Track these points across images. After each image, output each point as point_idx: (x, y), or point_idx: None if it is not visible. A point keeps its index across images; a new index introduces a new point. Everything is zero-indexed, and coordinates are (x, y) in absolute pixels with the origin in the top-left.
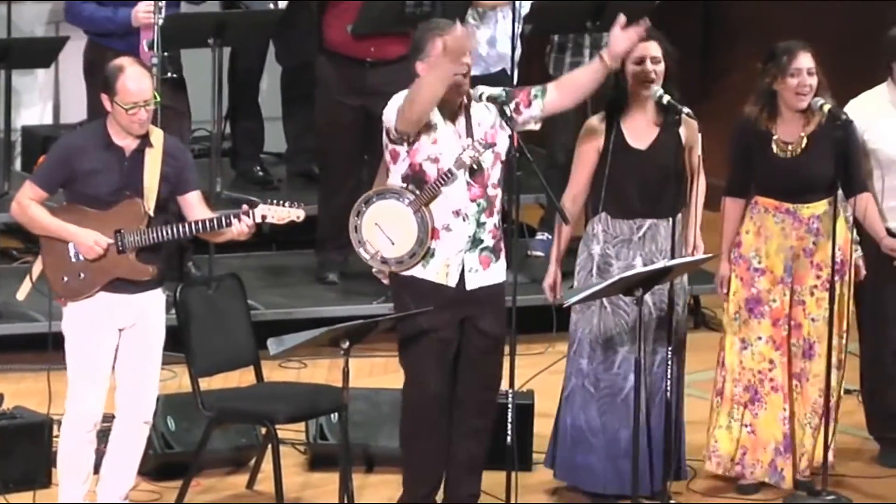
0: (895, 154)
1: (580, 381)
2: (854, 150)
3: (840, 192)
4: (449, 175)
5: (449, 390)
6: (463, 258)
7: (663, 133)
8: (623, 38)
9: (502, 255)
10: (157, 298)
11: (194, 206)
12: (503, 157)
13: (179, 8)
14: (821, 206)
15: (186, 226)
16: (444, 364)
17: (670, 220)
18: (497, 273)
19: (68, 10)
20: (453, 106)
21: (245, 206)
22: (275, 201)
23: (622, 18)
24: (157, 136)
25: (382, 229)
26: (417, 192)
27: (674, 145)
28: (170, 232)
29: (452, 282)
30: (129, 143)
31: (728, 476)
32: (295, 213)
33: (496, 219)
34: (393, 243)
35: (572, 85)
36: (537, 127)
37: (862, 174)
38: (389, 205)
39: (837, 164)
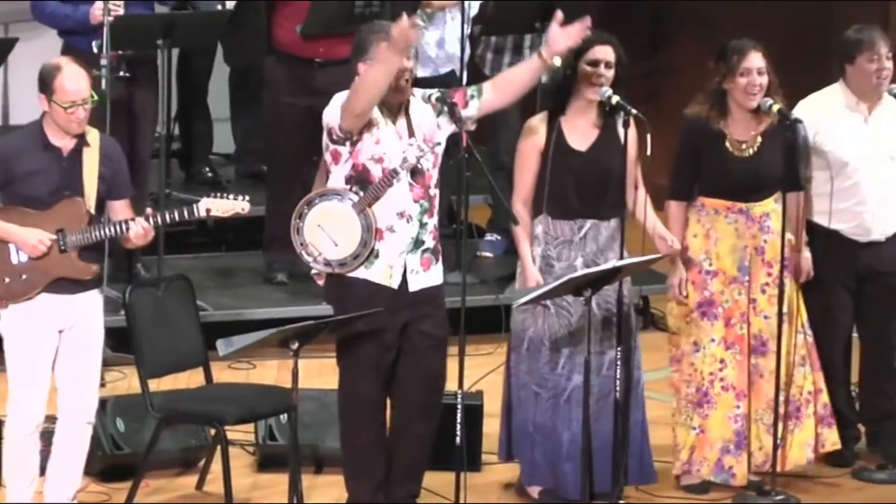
0: (846, 156)
1: (531, 380)
2: (798, 150)
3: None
4: (394, 174)
5: (382, 392)
6: (405, 260)
7: (604, 134)
8: (563, 35)
9: (440, 257)
10: (95, 299)
11: (120, 211)
12: (440, 159)
13: (153, 10)
14: (769, 204)
15: (124, 224)
16: (380, 369)
17: (611, 221)
18: (437, 275)
19: (34, 7)
20: (394, 106)
21: (149, 210)
22: (218, 194)
23: (559, 15)
24: (93, 135)
25: (325, 231)
26: (361, 194)
27: (615, 147)
28: (113, 230)
29: (395, 283)
30: (66, 143)
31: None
32: (240, 206)
33: (436, 220)
34: (336, 245)
35: (509, 83)
36: (473, 127)
37: (800, 174)
38: (332, 206)
39: (785, 163)
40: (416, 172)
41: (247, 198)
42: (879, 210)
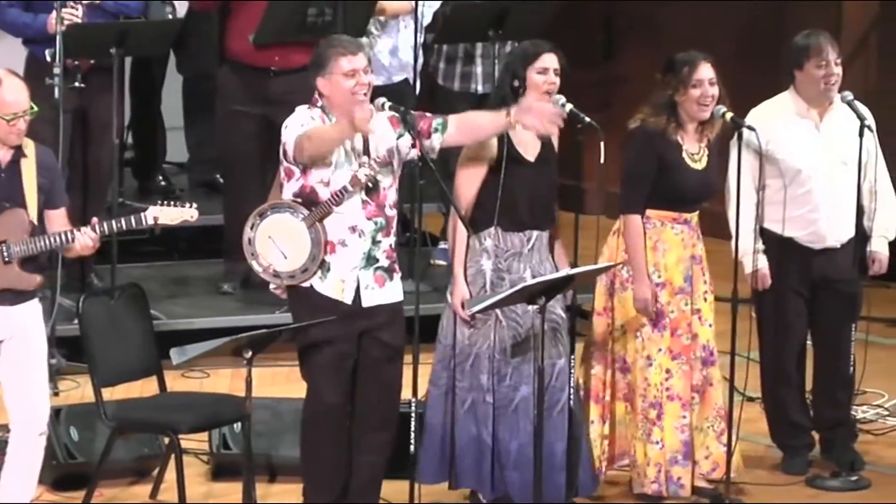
0: (799, 163)
1: (480, 395)
2: (733, 160)
3: (734, 197)
4: (343, 193)
5: (347, 401)
6: (358, 275)
7: (547, 144)
8: (536, 113)
9: (397, 276)
10: (35, 308)
11: (56, 221)
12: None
13: (117, 18)
14: (697, 213)
15: (69, 234)
16: (341, 375)
17: (547, 231)
18: (394, 292)
19: None
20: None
21: (94, 219)
22: (166, 202)
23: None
24: (30, 147)
25: (276, 243)
26: (312, 208)
27: (553, 156)
28: (56, 240)
29: (348, 298)
30: (3, 155)
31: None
32: (188, 213)
33: (392, 240)
34: (285, 257)
35: (472, 128)
36: (434, 156)
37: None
38: (283, 219)
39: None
40: (370, 190)
41: (195, 205)
42: (833, 217)
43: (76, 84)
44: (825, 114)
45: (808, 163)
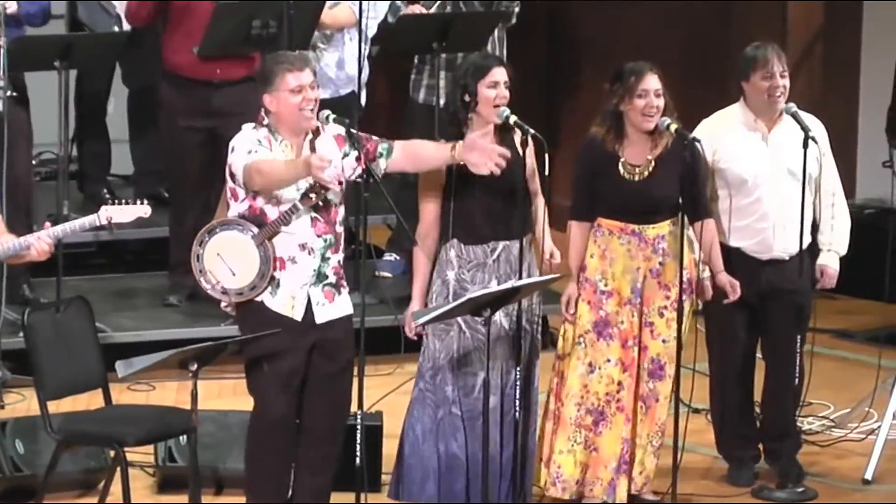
0: (745, 173)
1: (447, 408)
2: (699, 173)
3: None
4: (293, 211)
5: (294, 415)
6: (308, 292)
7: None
8: (479, 151)
9: (345, 290)
10: None
11: None
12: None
13: (24, 31)
14: (665, 227)
15: (24, 241)
16: (288, 389)
17: (521, 239)
18: (344, 305)
19: None
20: (299, 134)
21: (47, 223)
22: (118, 200)
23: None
24: None
25: (224, 260)
26: (261, 227)
27: (515, 165)
28: (11, 248)
29: (298, 315)
30: None
31: (572, 501)
32: (141, 210)
33: (340, 256)
34: (234, 274)
35: (417, 156)
36: (380, 177)
37: (706, 198)
38: (232, 236)
39: (683, 186)
40: (320, 207)
41: (146, 201)
42: (781, 228)
43: (9, 93)
44: (773, 125)
45: (755, 173)
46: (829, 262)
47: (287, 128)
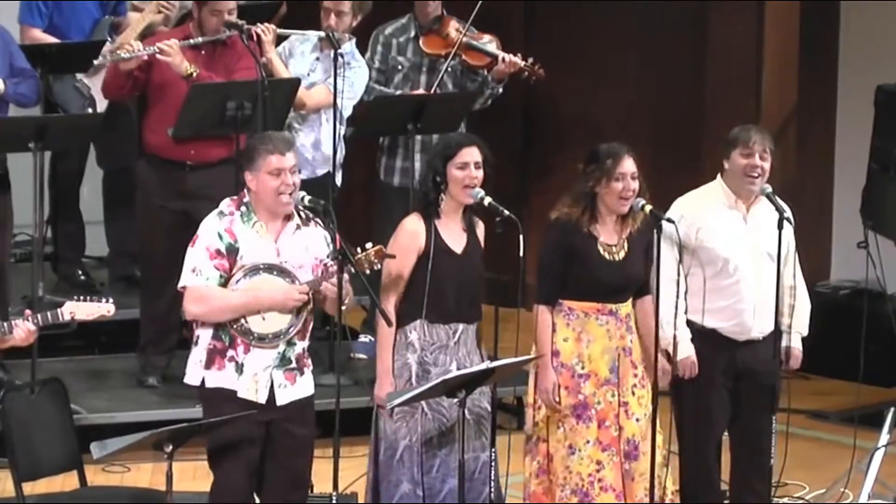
0: (727, 253)
1: (413, 487)
2: (654, 252)
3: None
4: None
5: (252, 489)
6: (271, 374)
7: (471, 236)
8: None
9: (307, 370)
10: None
11: None
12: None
13: (6, 112)
14: (629, 305)
15: (6, 325)
16: (247, 461)
17: (474, 324)
18: (306, 386)
19: None
20: (276, 221)
21: (27, 311)
22: (82, 297)
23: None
24: None
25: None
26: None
27: (481, 249)
28: None
29: (262, 398)
30: None
31: None
32: (104, 308)
33: (306, 344)
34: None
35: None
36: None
37: (649, 278)
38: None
39: (646, 264)
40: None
41: (111, 300)
42: (759, 309)
43: None
44: (752, 206)
45: (735, 254)
46: (796, 343)
47: (264, 209)
